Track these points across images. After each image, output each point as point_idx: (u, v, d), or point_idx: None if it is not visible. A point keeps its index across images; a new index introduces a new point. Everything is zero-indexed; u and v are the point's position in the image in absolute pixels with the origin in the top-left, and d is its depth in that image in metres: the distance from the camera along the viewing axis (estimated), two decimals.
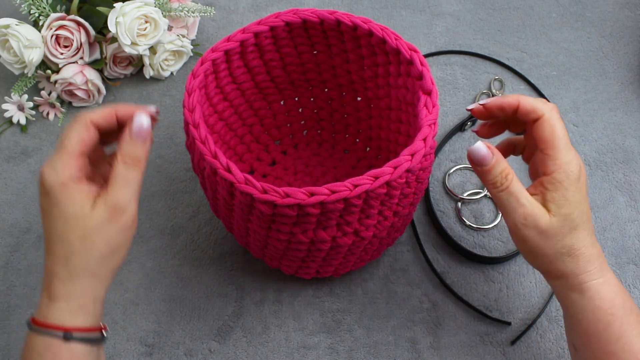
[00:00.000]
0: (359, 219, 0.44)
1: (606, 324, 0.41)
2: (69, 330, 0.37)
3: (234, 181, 0.40)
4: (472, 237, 0.60)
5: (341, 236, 0.45)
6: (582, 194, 0.41)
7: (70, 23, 0.64)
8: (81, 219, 0.37)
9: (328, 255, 0.48)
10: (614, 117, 0.67)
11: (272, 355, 0.54)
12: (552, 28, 0.75)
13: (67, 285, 0.38)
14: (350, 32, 0.50)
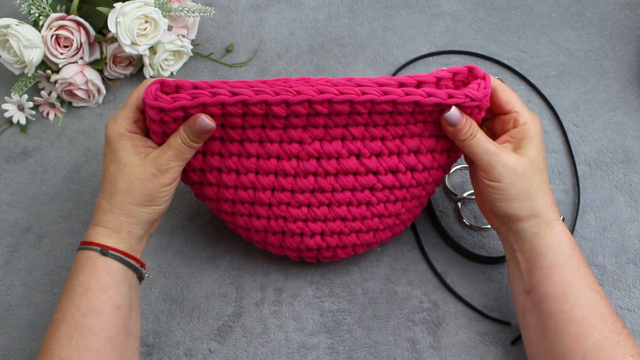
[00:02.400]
0: (363, 138, 0.46)
1: (569, 256, 0.46)
2: (104, 246, 0.45)
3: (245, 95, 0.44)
4: (472, 237, 0.60)
5: (345, 156, 0.47)
6: (543, 145, 0.48)
7: (70, 23, 0.64)
8: (129, 166, 0.45)
9: (334, 193, 0.49)
10: (614, 117, 0.67)
11: (272, 355, 0.54)
12: (552, 28, 0.75)
13: (107, 215, 0.46)
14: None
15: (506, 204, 0.47)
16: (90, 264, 0.44)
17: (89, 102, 0.69)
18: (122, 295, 0.45)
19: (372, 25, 0.75)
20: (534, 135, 0.47)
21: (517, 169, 0.46)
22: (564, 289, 0.45)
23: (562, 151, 0.65)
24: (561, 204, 0.62)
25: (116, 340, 0.43)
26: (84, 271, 0.44)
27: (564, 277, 0.45)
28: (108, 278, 0.44)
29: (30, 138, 0.67)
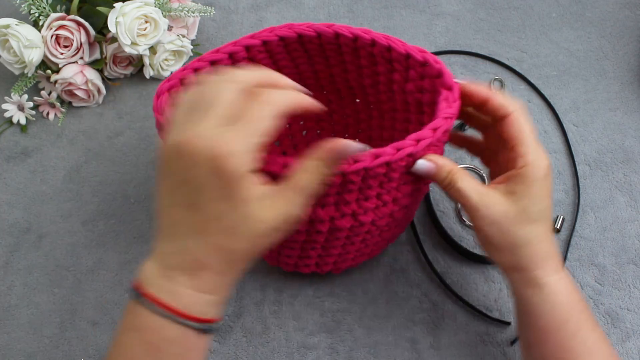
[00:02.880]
0: (357, 199, 0.44)
1: (564, 320, 0.42)
2: (209, 321, 0.35)
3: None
4: (472, 237, 0.60)
5: (339, 218, 0.44)
6: (545, 191, 0.42)
7: (70, 23, 0.64)
8: (255, 221, 0.33)
9: (327, 242, 0.48)
10: (614, 117, 0.67)
11: (272, 355, 0.54)
12: (552, 28, 0.75)
13: (218, 279, 0.34)
14: (349, 44, 0.50)
15: (489, 251, 0.44)
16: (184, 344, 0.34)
17: (89, 102, 0.69)
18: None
19: (372, 25, 0.75)
20: (534, 181, 0.41)
21: (501, 220, 0.41)
22: (561, 355, 0.42)
23: (562, 151, 0.65)
24: (561, 204, 0.62)
25: None
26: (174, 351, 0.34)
27: (561, 344, 0.42)
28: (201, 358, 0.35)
29: (30, 138, 0.67)
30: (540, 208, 0.42)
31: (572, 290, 0.43)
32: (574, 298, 0.42)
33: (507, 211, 0.41)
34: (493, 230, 0.42)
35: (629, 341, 0.54)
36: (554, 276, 0.42)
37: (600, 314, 0.55)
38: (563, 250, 0.59)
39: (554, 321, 0.42)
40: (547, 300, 0.42)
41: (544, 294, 0.42)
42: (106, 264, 0.58)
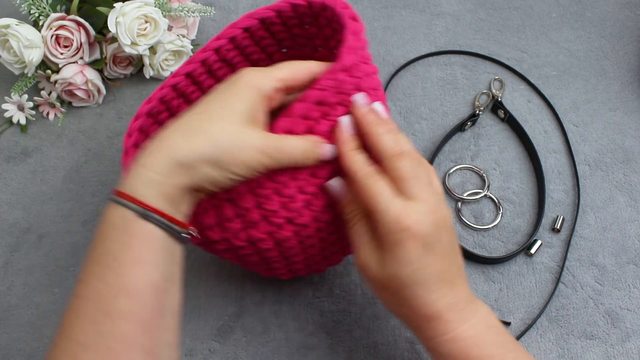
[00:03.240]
0: (283, 204, 0.41)
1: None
2: (146, 206, 0.35)
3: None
4: (472, 237, 0.60)
5: (276, 230, 0.42)
6: (417, 251, 0.38)
7: (70, 23, 0.64)
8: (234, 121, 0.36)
9: (284, 253, 0.46)
10: (614, 117, 0.67)
11: (272, 355, 0.54)
12: (552, 28, 0.75)
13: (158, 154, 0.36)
14: (307, 13, 0.47)
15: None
16: (124, 229, 0.34)
17: (89, 102, 0.69)
18: (161, 269, 0.36)
19: (372, 25, 0.75)
20: (399, 243, 0.38)
21: (377, 285, 0.41)
22: None
23: (562, 151, 0.65)
24: (561, 204, 0.62)
25: (149, 324, 0.35)
26: (116, 237, 0.35)
27: None
28: (145, 250, 0.35)
29: (30, 138, 0.67)
30: (415, 269, 0.38)
31: (469, 347, 0.39)
32: (475, 353, 0.39)
33: (381, 277, 0.40)
34: (375, 289, 0.41)
35: (629, 341, 0.54)
36: (444, 336, 0.40)
37: (600, 314, 0.55)
38: (563, 250, 0.59)
39: None
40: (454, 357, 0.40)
41: (438, 354, 0.40)
42: None
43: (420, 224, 0.38)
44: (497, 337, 0.40)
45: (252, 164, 0.37)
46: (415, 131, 0.67)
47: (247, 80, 0.38)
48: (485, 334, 0.40)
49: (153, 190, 0.35)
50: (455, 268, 0.41)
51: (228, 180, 0.37)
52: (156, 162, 0.35)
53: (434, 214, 0.39)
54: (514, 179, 0.63)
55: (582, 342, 0.54)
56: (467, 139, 0.66)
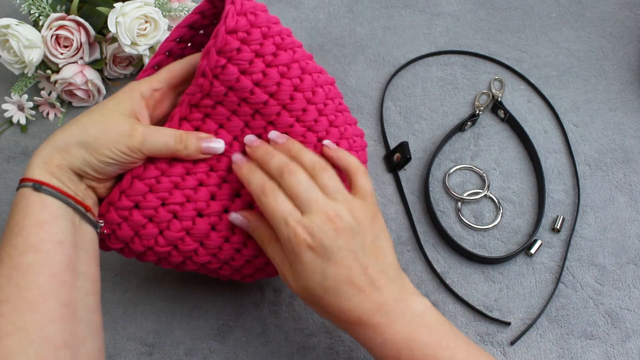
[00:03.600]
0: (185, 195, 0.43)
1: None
2: (37, 181, 0.40)
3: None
4: (472, 237, 0.60)
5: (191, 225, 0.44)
6: (317, 262, 0.40)
7: (70, 23, 0.64)
8: (107, 109, 0.42)
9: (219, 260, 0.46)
10: (614, 117, 0.67)
11: (272, 355, 0.54)
12: (552, 28, 0.75)
13: (45, 144, 0.41)
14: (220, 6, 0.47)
15: None
16: (24, 202, 0.40)
17: (89, 102, 0.69)
18: (63, 231, 0.40)
19: (372, 25, 0.75)
20: (298, 256, 0.40)
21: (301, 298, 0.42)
22: None
23: (562, 151, 0.65)
24: (561, 204, 0.62)
25: (61, 278, 0.39)
26: (19, 210, 0.40)
27: None
28: (43, 213, 0.40)
29: (30, 138, 0.67)
30: (322, 279, 0.40)
31: (400, 350, 0.39)
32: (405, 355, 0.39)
33: (299, 292, 0.42)
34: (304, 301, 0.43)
35: (629, 341, 0.54)
36: (374, 340, 0.40)
37: (600, 314, 0.55)
38: (563, 250, 0.59)
39: None
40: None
41: (374, 355, 0.41)
42: (106, 264, 0.58)
43: (315, 235, 0.40)
44: (431, 337, 0.40)
45: (118, 146, 0.41)
46: (415, 131, 0.67)
47: (128, 87, 0.44)
48: (417, 335, 0.40)
49: (41, 169, 0.41)
50: (374, 270, 0.40)
51: (100, 163, 0.41)
52: (42, 151, 0.41)
53: (331, 223, 0.40)
54: (514, 179, 0.63)
55: (582, 342, 0.54)
56: (467, 139, 0.66)
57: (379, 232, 0.43)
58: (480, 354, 0.40)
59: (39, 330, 0.37)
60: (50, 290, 0.38)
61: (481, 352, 0.41)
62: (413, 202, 0.62)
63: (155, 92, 0.45)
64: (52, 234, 0.39)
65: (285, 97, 0.44)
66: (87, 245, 0.42)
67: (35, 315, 0.37)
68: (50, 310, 0.38)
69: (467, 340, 0.41)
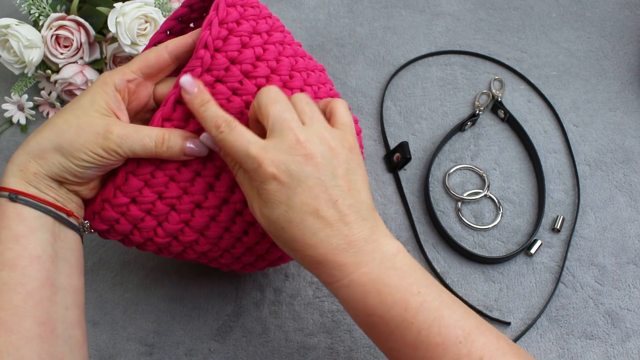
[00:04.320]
0: (182, 188, 0.42)
1: (371, 324, 0.38)
2: (13, 190, 0.39)
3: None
4: (472, 237, 0.60)
5: (190, 217, 0.43)
6: (281, 190, 0.37)
7: (70, 23, 0.64)
8: (82, 109, 0.40)
9: (220, 248, 0.46)
10: (614, 117, 0.67)
11: (272, 355, 0.54)
12: (552, 28, 0.75)
13: (19, 150, 0.40)
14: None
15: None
16: (0, 213, 0.38)
17: None
18: (41, 244, 0.38)
19: (372, 25, 0.75)
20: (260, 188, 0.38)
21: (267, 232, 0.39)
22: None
23: (562, 151, 0.65)
24: (561, 204, 0.62)
25: (38, 295, 0.37)
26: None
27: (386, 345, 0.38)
28: (19, 226, 0.38)
29: None
30: (280, 213, 0.37)
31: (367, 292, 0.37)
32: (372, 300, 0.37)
33: (264, 223, 0.39)
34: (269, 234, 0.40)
35: (629, 341, 0.54)
36: (341, 280, 0.37)
37: (600, 314, 0.55)
38: (563, 250, 0.59)
39: (364, 326, 0.38)
40: (346, 306, 0.38)
41: (340, 299, 0.39)
42: (106, 264, 0.58)
43: (279, 162, 0.37)
44: (401, 281, 0.37)
45: (92, 148, 0.39)
46: (415, 131, 0.67)
47: (101, 79, 0.42)
48: (386, 278, 0.37)
49: (17, 178, 0.39)
50: (344, 204, 0.37)
51: (77, 167, 0.39)
52: (17, 158, 0.39)
53: (301, 148, 0.37)
54: (514, 179, 0.63)
55: (582, 342, 0.54)
56: (467, 139, 0.66)
57: (354, 166, 0.39)
58: (453, 301, 0.38)
59: (14, 352, 0.36)
60: (26, 309, 0.37)
61: (454, 300, 0.38)
62: (413, 202, 0.62)
63: (129, 83, 0.42)
64: (28, 249, 0.38)
65: (285, 73, 0.43)
66: (69, 254, 0.41)
67: (10, 337, 0.36)
68: (25, 331, 0.36)
69: (440, 287, 0.38)
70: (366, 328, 0.39)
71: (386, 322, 0.37)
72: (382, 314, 0.37)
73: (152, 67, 0.43)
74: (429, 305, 0.36)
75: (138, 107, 0.44)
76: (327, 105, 0.42)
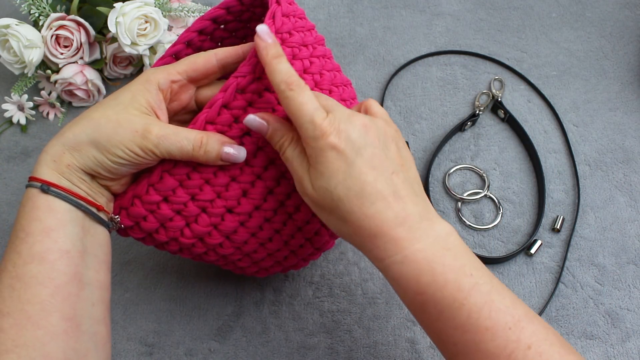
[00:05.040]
0: (216, 192, 0.42)
1: (420, 303, 0.37)
2: (45, 182, 0.38)
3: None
4: (472, 237, 0.60)
5: (219, 221, 0.43)
6: (341, 159, 0.37)
7: (70, 23, 0.64)
8: (122, 105, 0.39)
9: (242, 252, 0.46)
10: (614, 117, 0.67)
11: (272, 355, 0.54)
12: (552, 28, 0.75)
13: (55, 140, 0.39)
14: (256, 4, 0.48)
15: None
16: (31, 204, 0.38)
17: (89, 102, 0.69)
18: (71, 238, 0.38)
19: (372, 25, 0.75)
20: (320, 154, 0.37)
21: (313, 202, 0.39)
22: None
23: (562, 151, 0.65)
24: (561, 204, 0.62)
25: (66, 290, 0.37)
26: (25, 213, 0.38)
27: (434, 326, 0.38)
28: (50, 219, 0.38)
29: (30, 138, 0.67)
30: (339, 182, 0.37)
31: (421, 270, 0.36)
32: (425, 278, 0.36)
33: (316, 196, 0.38)
34: (316, 210, 0.40)
35: (629, 341, 0.54)
36: (393, 257, 0.37)
37: (600, 314, 0.55)
38: (563, 250, 0.59)
39: (412, 305, 0.38)
40: (395, 285, 0.38)
41: (390, 278, 0.38)
42: None
43: (340, 131, 0.37)
44: (455, 262, 0.36)
45: (129, 146, 0.39)
46: (415, 131, 0.67)
47: (144, 76, 0.41)
48: (440, 257, 0.36)
49: (50, 169, 0.39)
50: (399, 178, 0.38)
51: (112, 162, 0.39)
52: (51, 148, 0.39)
53: (358, 121, 0.38)
54: (514, 179, 0.63)
55: (582, 342, 0.54)
56: (467, 139, 0.66)
57: (402, 144, 0.40)
58: (503, 287, 0.37)
59: (40, 347, 0.35)
60: (53, 304, 0.37)
61: (503, 287, 0.37)
62: None
63: (173, 84, 0.42)
64: (58, 243, 0.38)
65: (327, 88, 0.44)
66: (97, 250, 0.40)
67: (36, 332, 0.36)
68: (52, 326, 0.36)
69: (490, 272, 0.38)
70: (414, 307, 0.38)
71: (437, 302, 0.36)
72: (433, 292, 0.36)
73: (198, 71, 0.43)
74: (480, 288, 0.36)
75: (178, 107, 0.44)
76: (360, 105, 0.43)
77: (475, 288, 0.36)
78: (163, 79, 0.41)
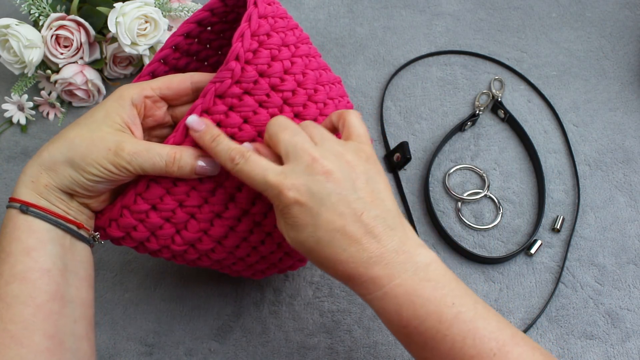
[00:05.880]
0: (203, 197, 0.42)
1: (405, 335, 0.38)
2: (24, 202, 0.39)
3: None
4: (472, 237, 0.60)
5: (209, 227, 0.43)
6: (305, 213, 0.37)
7: (70, 23, 0.64)
8: (96, 124, 0.40)
9: (235, 256, 0.46)
10: (614, 117, 0.67)
11: (272, 355, 0.54)
12: (552, 28, 0.75)
13: (32, 161, 0.40)
14: (239, 4, 0.48)
15: None
16: (12, 225, 0.39)
17: (89, 102, 0.69)
18: (51, 257, 0.39)
19: (372, 25, 0.75)
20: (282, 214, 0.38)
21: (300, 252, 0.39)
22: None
23: (562, 151, 0.65)
24: (561, 204, 0.62)
25: (48, 308, 0.38)
26: (5, 233, 0.39)
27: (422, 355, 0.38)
28: (30, 239, 0.38)
29: (30, 138, 0.67)
30: (308, 235, 0.37)
31: (401, 305, 0.37)
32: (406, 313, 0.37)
33: (294, 245, 0.39)
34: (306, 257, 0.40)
35: (629, 341, 0.54)
36: (376, 293, 0.37)
37: (600, 314, 0.55)
38: (563, 250, 0.59)
39: (400, 336, 0.38)
40: (381, 317, 0.38)
41: (375, 311, 0.38)
42: (106, 264, 0.58)
43: (299, 185, 0.37)
44: (435, 292, 0.36)
45: (102, 163, 0.39)
46: (415, 131, 0.67)
47: (117, 93, 0.42)
48: (420, 290, 0.36)
49: (28, 190, 0.39)
50: (369, 216, 0.37)
51: (88, 181, 0.39)
52: (29, 169, 0.40)
53: (319, 166, 0.37)
54: (514, 179, 0.63)
55: (582, 342, 0.54)
56: (467, 139, 0.66)
57: (374, 175, 0.39)
58: (488, 311, 0.37)
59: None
60: (35, 323, 0.37)
61: (488, 310, 0.38)
62: (413, 202, 0.62)
63: (146, 99, 0.43)
64: (39, 262, 0.38)
65: (311, 87, 0.44)
66: (79, 267, 0.41)
67: (20, 350, 0.36)
68: (35, 344, 0.37)
69: (475, 296, 0.38)
70: (400, 338, 0.39)
71: (420, 333, 0.37)
72: (416, 325, 0.37)
73: (172, 89, 0.44)
74: (463, 316, 0.36)
75: (153, 123, 0.45)
76: (340, 117, 0.42)
77: (457, 317, 0.36)
78: (136, 95, 0.42)
